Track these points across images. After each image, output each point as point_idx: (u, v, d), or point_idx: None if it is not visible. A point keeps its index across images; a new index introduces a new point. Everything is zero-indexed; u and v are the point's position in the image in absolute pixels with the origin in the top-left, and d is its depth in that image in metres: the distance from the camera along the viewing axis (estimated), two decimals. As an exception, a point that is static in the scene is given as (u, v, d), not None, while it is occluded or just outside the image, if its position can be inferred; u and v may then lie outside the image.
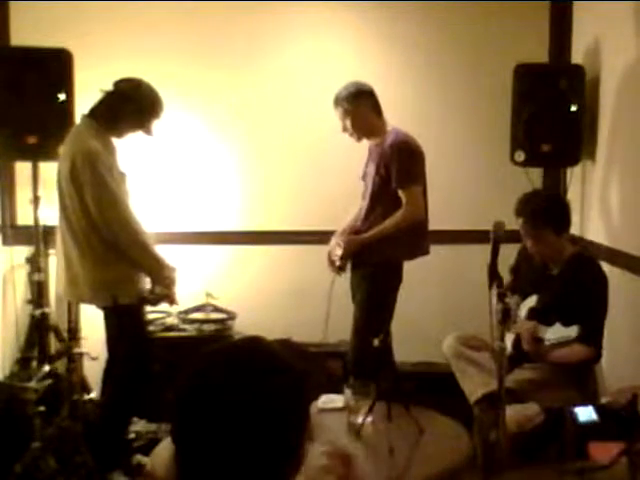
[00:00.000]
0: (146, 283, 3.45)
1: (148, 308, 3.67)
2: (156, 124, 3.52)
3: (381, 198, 3.78)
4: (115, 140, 3.48)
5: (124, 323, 3.45)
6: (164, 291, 3.44)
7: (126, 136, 3.51)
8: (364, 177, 3.98)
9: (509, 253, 3.50)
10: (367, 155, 3.97)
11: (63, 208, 3.40)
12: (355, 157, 4.01)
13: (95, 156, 3.28)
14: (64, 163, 3.36)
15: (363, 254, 3.78)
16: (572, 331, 3.01)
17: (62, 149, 3.47)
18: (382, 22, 4.50)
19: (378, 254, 3.75)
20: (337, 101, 3.79)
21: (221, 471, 1.14)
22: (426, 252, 3.88)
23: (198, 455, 1.14)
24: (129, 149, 3.95)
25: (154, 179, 4.40)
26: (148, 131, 3.50)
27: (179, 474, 1.17)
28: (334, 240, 3.94)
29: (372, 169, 3.84)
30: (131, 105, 3.42)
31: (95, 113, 3.42)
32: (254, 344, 1.24)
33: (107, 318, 3.47)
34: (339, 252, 3.82)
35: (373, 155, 3.88)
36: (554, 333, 3.07)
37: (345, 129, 3.81)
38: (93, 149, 3.30)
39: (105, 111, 3.42)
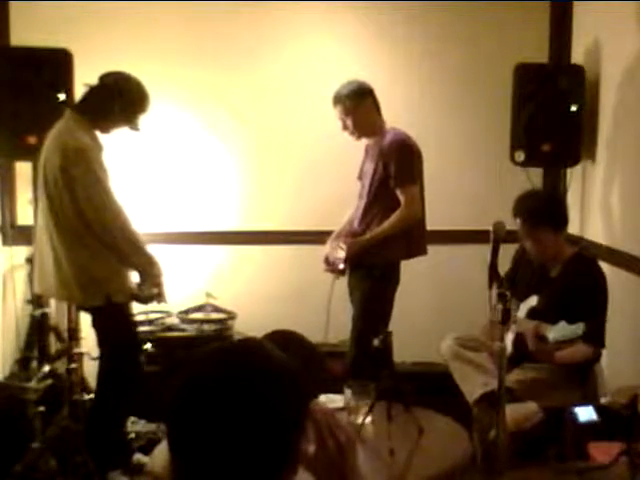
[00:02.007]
0: (134, 282, 3.43)
1: (148, 308, 3.67)
2: (143, 119, 3.47)
3: (379, 197, 3.77)
4: (103, 136, 3.44)
5: (115, 322, 3.42)
6: (153, 289, 3.42)
7: (112, 131, 3.45)
8: (360, 176, 3.97)
9: (509, 253, 3.51)
10: (363, 154, 3.97)
11: (50, 206, 3.30)
12: (356, 157, 4.01)
13: (88, 153, 3.25)
14: (53, 158, 3.28)
15: (361, 255, 3.78)
16: (578, 328, 3.01)
17: (47, 145, 3.38)
18: (382, 22, 4.50)
19: (376, 254, 3.74)
20: (338, 99, 3.76)
21: (217, 474, 1.14)
22: (423, 252, 3.87)
23: (194, 458, 1.14)
24: (129, 149, 3.96)
25: (154, 179, 4.40)
26: (135, 126, 3.45)
27: (175, 477, 1.16)
28: (330, 243, 3.93)
29: (370, 168, 3.83)
30: (118, 99, 3.36)
31: (81, 108, 3.38)
32: (249, 346, 1.23)
33: (99, 317, 3.43)
34: (341, 255, 3.81)
35: (371, 154, 3.87)
36: (559, 331, 3.07)
37: (345, 127, 3.79)
38: (86, 145, 3.26)
39: (92, 106, 3.37)
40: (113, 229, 3.27)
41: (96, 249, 3.29)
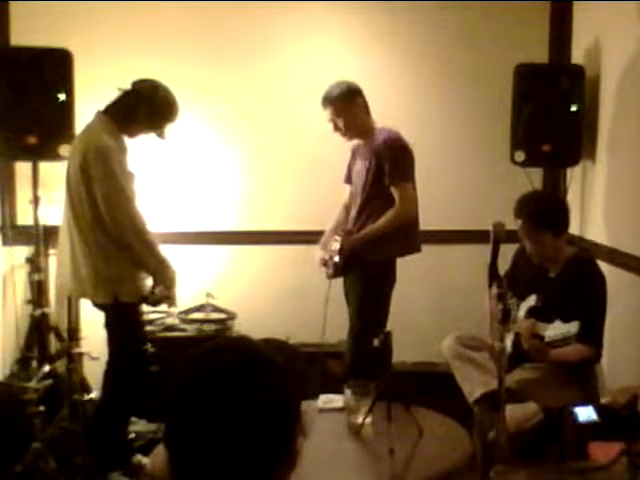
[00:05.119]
0: (146, 283, 3.46)
1: (148, 308, 3.67)
2: (170, 128, 3.52)
3: (373, 196, 3.77)
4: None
5: (123, 321, 3.45)
6: (164, 292, 3.44)
7: (138, 136, 3.51)
8: (350, 178, 3.97)
9: (509, 253, 3.51)
10: (350, 156, 3.97)
11: (71, 203, 3.39)
12: (355, 157, 4.01)
13: (107, 151, 3.29)
14: (75, 157, 3.36)
15: (356, 254, 3.77)
16: (572, 327, 3.01)
17: (73, 144, 3.49)
18: (382, 22, 4.50)
19: (370, 253, 3.74)
20: (328, 100, 3.76)
21: (214, 472, 1.14)
22: (418, 249, 3.86)
23: (190, 457, 1.14)
24: (131, 149, 3.95)
25: (154, 179, 4.40)
26: (161, 134, 3.51)
27: (173, 476, 1.17)
28: (321, 249, 3.92)
29: (362, 167, 3.83)
30: (147, 106, 3.42)
31: (110, 111, 3.43)
32: (240, 344, 1.23)
33: (108, 315, 3.47)
34: (336, 247, 3.80)
35: (361, 154, 3.87)
36: (554, 330, 3.07)
37: (337, 129, 3.80)
38: (105, 144, 3.31)
39: (120, 109, 3.42)
40: (127, 230, 3.30)
41: (109, 248, 3.33)
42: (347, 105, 3.75)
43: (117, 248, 3.33)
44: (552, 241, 3.35)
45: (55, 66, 3.91)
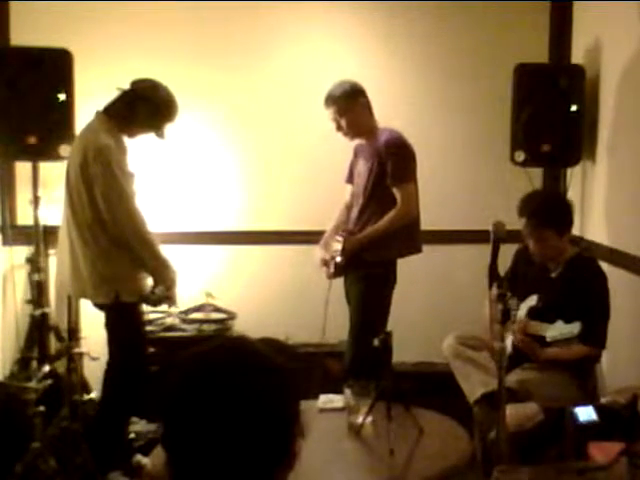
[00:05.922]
0: (146, 283, 3.46)
1: (148, 308, 3.67)
2: (169, 128, 3.52)
3: (375, 196, 3.77)
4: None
5: (123, 321, 3.45)
6: (165, 292, 3.44)
7: (138, 136, 3.51)
8: (351, 178, 3.97)
9: (509, 253, 3.51)
10: (352, 156, 3.97)
11: (70, 202, 3.39)
12: (355, 157, 4.01)
13: (107, 151, 3.30)
14: (75, 157, 3.37)
15: (357, 254, 3.77)
16: (574, 328, 3.01)
17: (73, 144, 3.51)
18: (382, 22, 4.50)
19: (371, 253, 3.74)
20: (332, 100, 3.75)
21: (212, 473, 1.14)
22: (419, 250, 3.86)
23: (188, 458, 1.14)
24: (130, 149, 3.96)
25: (154, 179, 4.40)
26: (161, 134, 3.51)
27: (171, 477, 1.17)
28: (322, 247, 3.92)
29: (364, 168, 3.82)
30: (146, 106, 3.42)
31: (110, 110, 3.43)
32: (237, 345, 1.23)
33: (108, 315, 3.47)
34: (338, 247, 3.80)
35: (364, 154, 3.86)
36: (556, 330, 3.07)
37: (339, 128, 3.79)
38: (105, 144, 3.31)
39: (120, 109, 3.43)
40: (127, 230, 3.31)
41: (109, 248, 3.34)
42: (350, 104, 3.75)
43: (117, 248, 3.34)
44: (555, 240, 3.36)
45: (55, 66, 3.91)
